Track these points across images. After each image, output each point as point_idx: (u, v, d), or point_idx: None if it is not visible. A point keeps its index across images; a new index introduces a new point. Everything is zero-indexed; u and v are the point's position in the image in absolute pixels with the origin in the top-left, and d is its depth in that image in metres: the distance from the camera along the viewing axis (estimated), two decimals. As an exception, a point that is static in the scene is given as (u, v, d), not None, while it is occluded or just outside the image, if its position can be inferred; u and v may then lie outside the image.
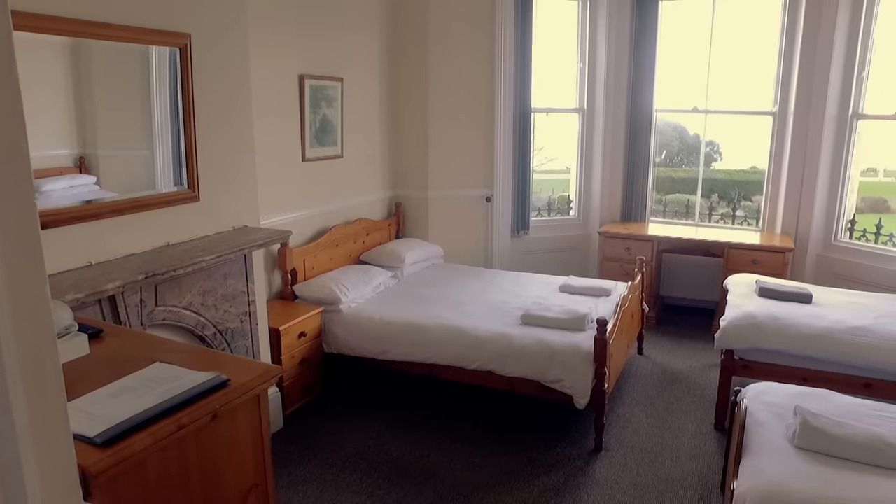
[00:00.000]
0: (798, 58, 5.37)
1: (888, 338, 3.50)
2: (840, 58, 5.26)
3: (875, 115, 5.32)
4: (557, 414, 3.92)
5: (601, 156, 6.01)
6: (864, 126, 5.38)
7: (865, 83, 5.30)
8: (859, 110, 5.34)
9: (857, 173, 5.50)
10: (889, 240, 5.26)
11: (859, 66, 5.26)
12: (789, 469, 2.32)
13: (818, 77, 5.32)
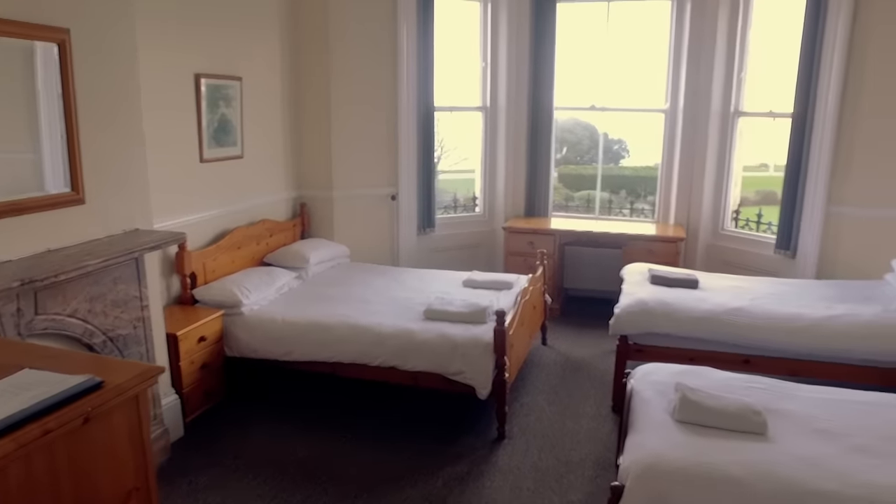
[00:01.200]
0: (685, 59, 5.68)
1: (763, 317, 3.77)
2: (721, 59, 5.61)
3: (753, 112, 5.69)
4: (461, 406, 4.00)
5: (504, 153, 6.15)
6: (746, 123, 5.75)
7: (744, 83, 5.67)
8: (739, 108, 5.70)
9: (739, 167, 5.86)
10: (768, 227, 5.65)
11: (738, 67, 5.63)
12: (669, 441, 2.47)
13: (703, 77, 5.65)
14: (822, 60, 4.92)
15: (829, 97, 4.90)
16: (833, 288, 4.39)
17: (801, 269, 5.14)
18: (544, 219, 6.07)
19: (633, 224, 6.06)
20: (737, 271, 5.27)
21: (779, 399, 2.82)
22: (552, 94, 5.94)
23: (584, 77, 6.27)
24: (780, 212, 5.32)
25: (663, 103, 5.97)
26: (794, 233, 5.20)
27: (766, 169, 6.87)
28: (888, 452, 2.42)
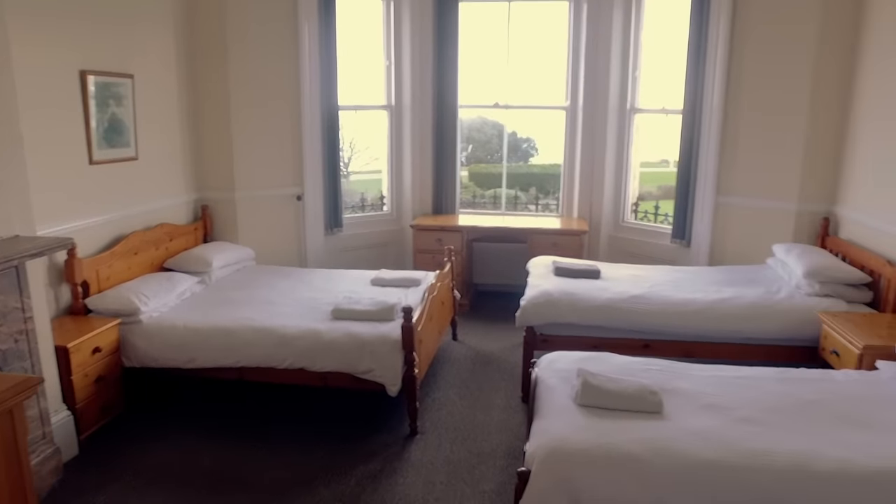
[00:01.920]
0: (584, 58, 5.88)
1: (660, 303, 3.95)
2: (617, 59, 5.85)
3: (648, 109, 5.96)
4: (373, 404, 3.98)
5: (410, 151, 6.17)
6: (642, 119, 6.00)
7: (639, 81, 5.92)
8: (635, 105, 5.95)
9: (637, 162, 6.12)
10: (665, 219, 5.92)
11: (633, 66, 5.88)
12: (572, 425, 2.55)
13: (600, 75, 5.87)
14: (707, 60, 5.22)
15: (714, 94, 5.20)
16: (722, 273, 4.66)
17: (696, 257, 5.43)
18: (452, 216, 6.13)
19: (538, 219, 6.22)
20: (637, 261, 5.51)
21: (673, 379, 2.97)
22: (456, 93, 6.00)
23: (487, 75, 6.38)
24: (674, 204, 5.60)
25: (564, 101, 6.15)
26: (688, 223, 5.49)
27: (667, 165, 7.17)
28: (767, 421, 2.60)
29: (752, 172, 5.14)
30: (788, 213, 4.98)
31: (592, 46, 5.83)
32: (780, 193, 5.01)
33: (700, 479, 2.32)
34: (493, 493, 3.16)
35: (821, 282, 4.05)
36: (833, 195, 4.88)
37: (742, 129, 5.15)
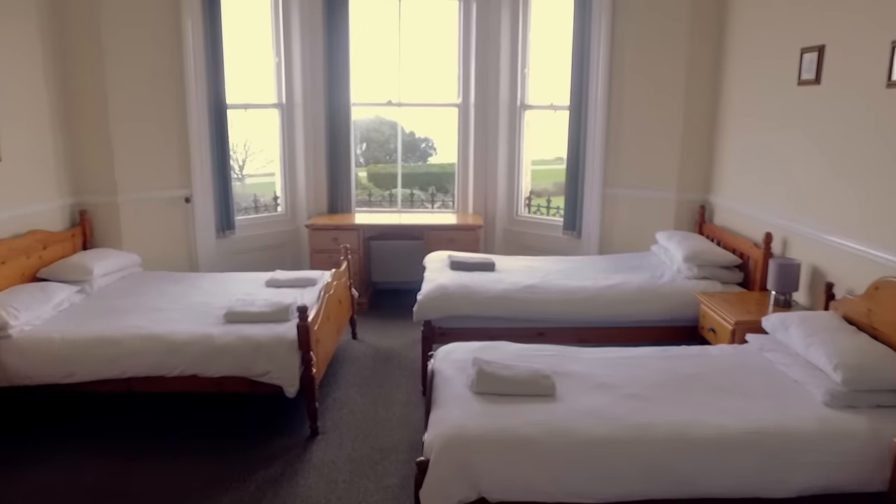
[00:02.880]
0: (474, 55, 5.98)
1: (553, 291, 4.09)
2: (507, 56, 5.99)
3: (537, 105, 6.14)
4: (272, 406, 3.89)
5: (304, 150, 6.06)
6: (532, 115, 6.18)
7: (528, 78, 6.09)
8: (525, 102, 6.12)
9: (529, 157, 6.29)
10: (557, 211, 6.13)
11: (522, 63, 6.04)
12: (469, 412, 2.59)
13: (491, 72, 5.99)
14: (591, 57, 5.44)
15: (599, 90, 5.43)
16: (610, 261, 4.88)
17: (586, 247, 5.65)
18: (348, 215, 6.08)
19: (434, 215, 6.28)
20: (531, 253, 5.65)
21: (565, 362, 3.08)
22: (349, 90, 5.95)
23: (380, 73, 6.36)
24: (564, 196, 5.80)
25: (457, 98, 6.24)
26: (578, 215, 5.70)
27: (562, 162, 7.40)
28: (651, 396, 2.75)
29: (636, 164, 5.41)
30: (669, 203, 5.28)
31: (482, 44, 5.95)
32: (661, 184, 5.30)
33: (592, 455, 2.43)
34: (396, 487, 3.16)
35: (698, 265, 4.32)
36: (707, 185, 5.22)
37: (625, 124, 5.41)
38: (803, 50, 3.92)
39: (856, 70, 3.46)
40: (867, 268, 3.27)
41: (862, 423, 2.56)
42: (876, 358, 2.77)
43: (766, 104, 4.36)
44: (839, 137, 3.59)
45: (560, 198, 6.13)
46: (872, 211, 3.31)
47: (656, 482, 2.43)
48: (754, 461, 2.46)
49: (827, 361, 2.78)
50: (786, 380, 2.95)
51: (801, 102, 3.97)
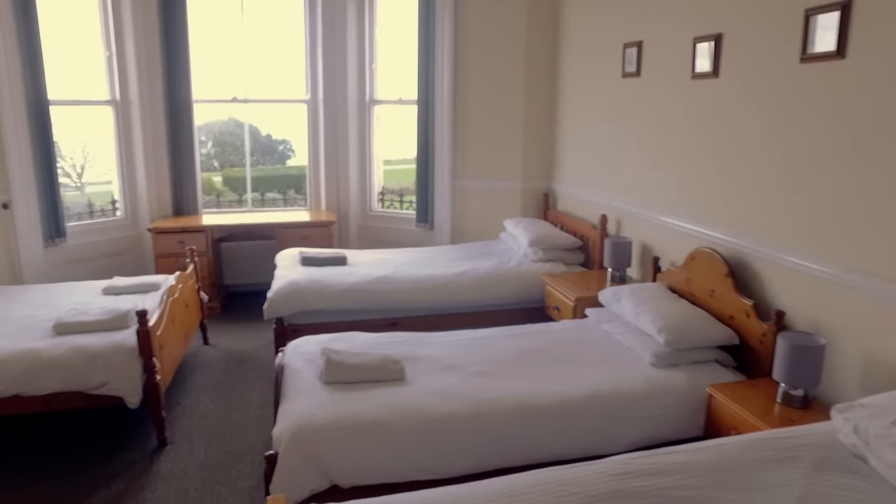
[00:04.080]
0: (321, 50, 5.91)
1: (404, 281, 4.15)
2: (354, 50, 5.97)
3: (386, 100, 6.18)
4: (113, 421, 3.64)
5: (143, 150, 5.69)
6: (382, 110, 6.20)
7: (376, 73, 6.11)
8: (374, 97, 6.13)
9: (380, 151, 6.31)
10: (410, 205, 6.21)
11: (369, 58, 6.04)
12: (317, 402, 2.56)
13: (339, 67, 5.95)
14: (436, 52, 5.55)
15: (445, 85, 5.55)
16: (462, 250, 5.01)
17: (439, 238, 5.77)
18: (195, 216, 5.80)
19: (286, 213, 6.14)
20: (386, 247, 5.68)
21: (416, 347, 3.13)
22: (189, 87, 5.67)
23: (224, 69, 6.12)
24: (416, 189, 5.88)
25: (305, 94, 6.14)
26: (430, 207, 5.81)
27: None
28: (498, 372, 2.87)
29: (483, 156, 5.59)
30: (515, 191, 5.51)
31: (329, 38, 5.89)
32: (507, 174, 5.52)
33: (439, 432, 2.49)
34: (251, 489, 3.07)
35: (543, 249, 4.54)
36: (550, 173, 5.50)
37: (471, 117, 5.57)
38: (626, 45, 4.24)
39: (668, 63, 3.79)
40: (686, 241, 3.59)
41: (682, 379, 2.82)
42: (693, 320, 3.05)
43: (597, 96, 4.67)
44: (657, 125, 3.92)
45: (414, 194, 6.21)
46: (686, 190, 3.65)
47: (503, 452, 2.54)
48: (592, 422, 2.63)
49: (653, 326, 3.02)
50: (619, 347, 3.18)
51: (625, 94, 4.28)
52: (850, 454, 2.04)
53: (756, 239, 3.10)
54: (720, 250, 3.26)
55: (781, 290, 2.96)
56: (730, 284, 3.11)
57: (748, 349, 3.00)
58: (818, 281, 2.74)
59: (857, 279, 2.54)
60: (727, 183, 3.31)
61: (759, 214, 3.09)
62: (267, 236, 5.69)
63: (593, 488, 1.84)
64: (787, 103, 2.90)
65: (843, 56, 2.60)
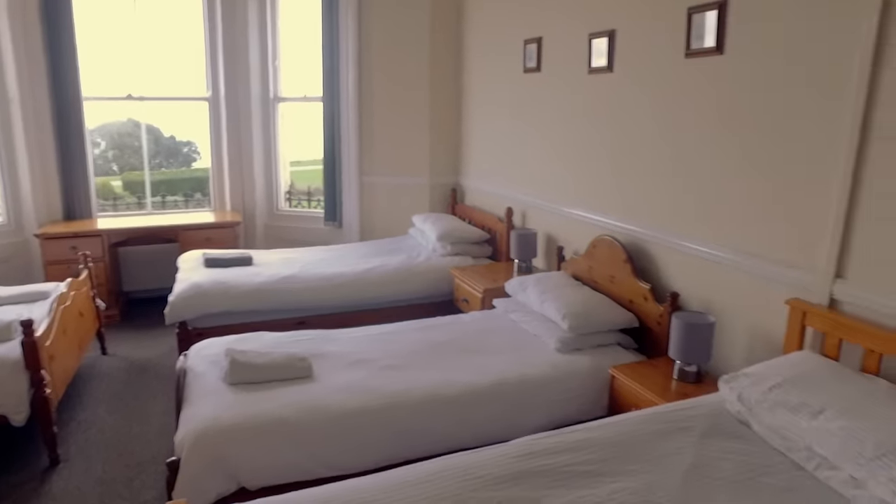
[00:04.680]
0: (221, 47, 5.72)
1: (311, 280, 4.09)
2: (256, 47, 5.82)
3: (291, 97, 6.06)
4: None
5: (26, 150, 5.33)
6: (287, 108, 6.08)
7: (280, 70, 5.98)
8: (278, 94, 6.00)
9: (286, 150, 6.19)
10: (318, 204, 6.12)
11: (272, 55, 5.91)
12: (222, 404, 2.48)
13: (240, 64, 5.79)
14: (340, 48, 5.50)
15: (350, 82, 5.51)
16: (370, 247, 4.99)
17: (348, 236, 5.72)
18: (89, 220, 5.49)
19: (189, 215, 5.91)
20: (295, 246, 5.57)
21: (323, 344, 3.09)
22: (78, 83, 5.35)
23: (118, 65, 5.82)
24: (323, 187, 5.80)
25: (205, 91, 5.93)
26: (338, 205, 5.75)
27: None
28: (407, 365, 2.87)
29: (390, 153, 5.58)
30: (423, 187, 5.53)
31: (230, 34, 5.72)
32: (415, 170, 5.54)
33: (347, 427, 2.46)
34: (154, 500, 2.94)
35: (451, 243, 4.58)
36: (457, 168, 5.56)
37: (377, 114, 5.55)
38: (526, 41, 4.33)
39: (566, 59, 3.90)
40: (588, 230, 3.71)
41: (585, 362, 2.92)
42: (595, 305, 3.16)
43: (501, 91, 4.76)
44: (558, 119, 4.03)
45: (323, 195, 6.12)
46: (587, 181, 3.77)
47: (413, 444, 2.54)
48: (499, 409, 2.68)
49: (557, 313, 3.11)
50: (526, 335, 3.25)
51: (527, 89, 4.38)
52: (735, 420, 2.17)
53: (652, 226, 3.24)
54: (619, 238, 3.39)
55: (676, 273, 3.11)
56: (629, 270, 3.24)
57: (647, 331, 3.13)
58: (708, 264, 2.90)
59: (742, 260, 2.71)
60: (623, 173, 3.45)
61: (653, 202, 3.24)
62: (168, 239, 5.46)
63: (498, 470, 1.87)
64: (675, 96, 3.05)
65: (721, 52, 2.77)
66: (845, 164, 2.25)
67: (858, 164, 2.22)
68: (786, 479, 1.88)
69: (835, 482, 1.82)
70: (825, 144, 2.34)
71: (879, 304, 2.19)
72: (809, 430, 1.89)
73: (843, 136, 2.26)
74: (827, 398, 1.96)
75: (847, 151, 2.24)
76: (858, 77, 2.19)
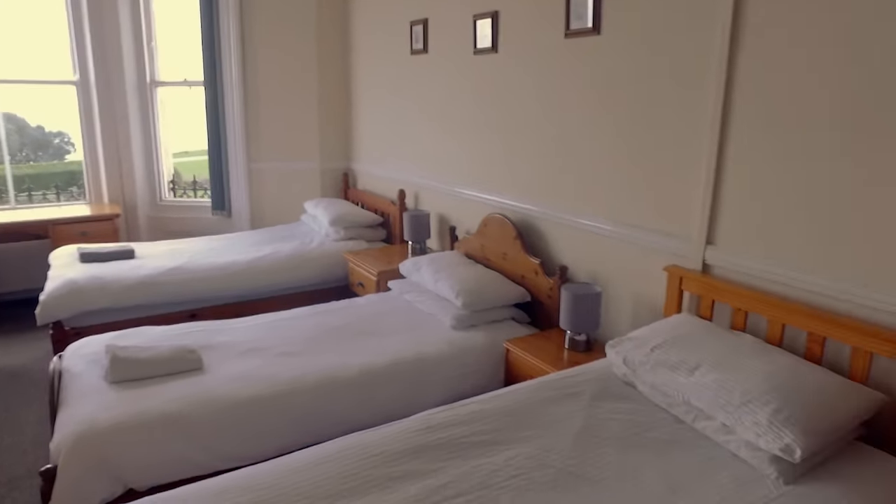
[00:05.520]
0: (88, 27, 5.33)
1: (201, 270, 3.92)
2: (128, 28, 5.46)
3: (170, 81, 5.75)
4: None
5: None
6: (166, 92, 5.76)
7: (156, 52, 5.65)
8: (156, 78, 5.68)
9: (168, 137, 5.87)
10: (205, 193, 5.87)
11: (147, 36, 5.57)
12: (102, 404, 2.34)
13: (111, 46, 5.41)
14: (222, 30, 5.26)
15: (233, 65, 5.29)
16: (262, 235, 4.84)
17: (238, 225, 5.53)
18: (-61, 218, 5.00)
19: (61, 209, 5.51)
20: (182, 237, 5.32)
21: (214, 335, 2.97)
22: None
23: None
24: (209, 175, 5.56)
25: (72, 74, 5.52)
26: (226, 193, 5.53)
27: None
28: (302, 351, 2.82)
29: (279, 138, 5.43)
30: (314, 172, 5.43)
31: (97, 14, 5.33)
32: (305, 155, 5.42)
33: (242, 417, 2.39)
34: (32, 515, 2.74)
35: (344, 227, 4.53)
36: (348, 153, 5.49)
37: (263, 98, 5.37)
38: (412, 23, 4.32)
39: (452, 40, 3.92)
40: (479, 209, 3.77)
41: (480, 338, 2.98)
42: (487, 282, 3.22)
43: (389, 73, 4.72)
44: (447, 100, 4.05)
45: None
46: (476, 161, 3.82)
47: (311, 429, 2.50)
48: (397, 389, 2.69)
49: (451, 291, 3.14)
50: (422, 314, 3.27)
51: (415, 70, 4.37)
52: (622, 383, 2.29)
53: (540, 203, 3.34)
54: (509, 215, 3.47)
55: (565, 247, 3.22)
56: (519, 246, 3.33)
57: (539, 304, 3.23)
58: (595, 237, 3.02)
59: (625, 232, 2.84)
60: (512, 152, 3.52)
61: (541, 180, 3.33)
62: (38, 235, 5.06)
63: (396, 446, 1.88)
64: (557, 76, 3.14)
65: (598, 32, 2.87)
66: (710, 144, 2.42)
67: (722, 142, 2.39)
68: (668, 433, 2.00)
69: (710, 431, 1.96)
70: (695, 124, 2.49)
71: (744, 267, 2.36)
72: (687, 386, 2.02)
73: (708, 117, 2.41)
74: (702, 355, 2.09)
75: (711, 132, 2.40)
76: (718, 61, 2.34)
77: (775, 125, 2.22)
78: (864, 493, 1.70)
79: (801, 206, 2.17)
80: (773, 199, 2.26)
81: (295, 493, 1.70)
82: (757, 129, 2.28)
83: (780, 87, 2.19)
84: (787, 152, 2.19)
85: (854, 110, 1.99)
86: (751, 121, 2.30)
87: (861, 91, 1.97)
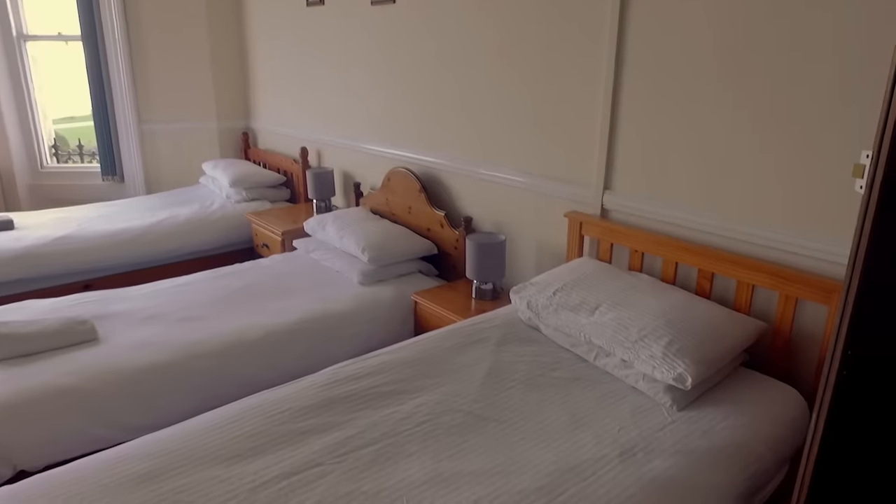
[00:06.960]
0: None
1: (92, 238, 3.70)
2: (-14, -23, 4.97)
3: (41, 35, 5.30)
4: None
5: None
6: (37, 48, 5.31)
7: (23, 3, 5.18)
8: (24, 31, 5.21)
9: (44, 97, 5.44)
10: (93, 157, 5.51)
11: (10, -17, 5.09)
12: (-19, 385, 2.19)
13: (-31, -3, 4.92)
14: (97, -27, 4.87)
15: (114, 16, 4.91)
16: (158, 199, 4.60)
17: (132, 190, 5.23)
18: None
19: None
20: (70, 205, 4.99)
21: (108, 305, 2.82)
22: None
23: None
24: (96, 139, 5.21)
25: (-77, 29, 5.00)
26: (116, 157, 5.21)
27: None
28: (205, 315, 2.73)
29: (170, 97, 5.13)
30: (212, 132, 5.19)
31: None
32: (200, 114, 5.16)
33: (143, 386, 2.31)
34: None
35: (246, 188, 4.38)
36: (247, 111, 5.27)
37: (150, 54, 5.04)
38: (307, -28, 4.14)
39: (347, -12, 3.80)
40: (383, 164, 3.72)
41: (388, 292, 2.98)
42: (393, 237, 3.21)
43: (285, 27, 4.53)
44: (346, 53, 3.94)
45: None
46: (378, 115, 3.76)
47: (218, 392, 2.43)
48: (305, 346, 2.67)
49: (356, 247, 3.12)
50: (329, 272, 3.22)
51: (312, 23, 4.21)
52: (527, 327, 2.35)
53: (445, 155, 3.33)
54: (414, 169, 3.44)
55: (469, 199, 3.24)
56: (424, 199, 3.32)
57: (445, 256, 3.25)
58: (498, 187, 3.05)
59: (528, 181, 2.88)
60: (414, 106, 3.48)
61: (443, 133, 3.32)
62: None
63: (304, 402, 1.86)
64: (456, 26, 3.11)
65: (495, -22, 2.85)
66: (605, 93, 2.47)
67: (616, 91, 2.45)
68: (571, 371, 2.08)
69: (610, 367, 2.05)
70: (592, 74, 2.54)
71: (640, 210, 2.46)
72: (588, 325, 2.10)
73: (602, 69, 2.46)
74: (601, 295, 2.18)
75: (606, 81, 2.46)
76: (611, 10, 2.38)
77: (665, 73, 2.29)
78: (745, 412, 1.84)
79: (691, 151, 2.27)
80: (665, 145, 2.35)
81: (201, 456, 1.66)
82: (648, 77, 2.35)
83: (668, 38, 2.26)
84: (677, 99, 2.28)
85: (736, 58, 2.08)
86: (643, 69, 2.36)
87: (742, 40, 2.06)
